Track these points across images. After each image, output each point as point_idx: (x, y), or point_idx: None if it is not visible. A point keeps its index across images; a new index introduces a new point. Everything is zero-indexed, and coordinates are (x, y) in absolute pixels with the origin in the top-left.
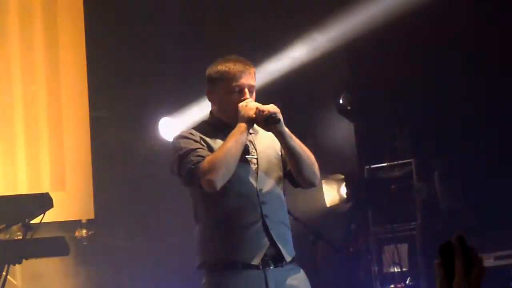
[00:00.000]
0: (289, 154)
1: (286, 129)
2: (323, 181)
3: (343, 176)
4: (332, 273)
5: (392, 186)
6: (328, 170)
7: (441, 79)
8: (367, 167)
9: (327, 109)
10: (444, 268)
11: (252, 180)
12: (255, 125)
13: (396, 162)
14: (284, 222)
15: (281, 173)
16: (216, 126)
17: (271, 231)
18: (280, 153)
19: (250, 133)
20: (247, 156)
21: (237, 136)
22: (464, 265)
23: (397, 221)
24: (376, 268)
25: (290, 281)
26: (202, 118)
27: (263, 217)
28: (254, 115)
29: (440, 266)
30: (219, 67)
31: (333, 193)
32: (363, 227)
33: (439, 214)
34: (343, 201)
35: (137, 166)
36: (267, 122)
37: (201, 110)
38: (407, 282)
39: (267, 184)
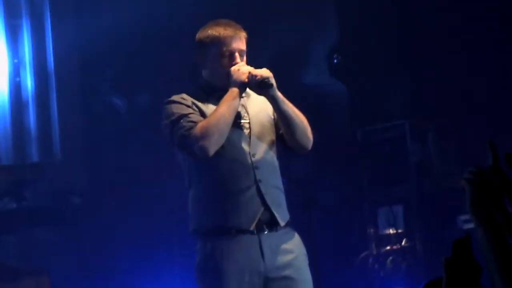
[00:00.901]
0: (281, 118)
1: (279, 94)
2: None
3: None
4: (327, 236)
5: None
6: (321, 133)
7: (436, 35)
8: (360, 129)
9: (319, 71)
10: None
11: (245, 145)
12: (247, 89)
13: (389, 124)
14: (278, 187)
15: (274, 137)
16: (208, 90)
17: (265, 196)
18: (272, 117)
19: (242, 97)
20: (240, 121)
21: (230, 101)
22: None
23: (391, 183)
24: (372, 230)
25: (284, 245)
26: None
27: (256, 182)
28: (246, 80)
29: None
30: (209, 31)
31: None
32: (358, 189)
33: (433, 176)
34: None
35: (131, 131)
36: (260, 87)
37: None
38: (402, 243)
39: (260, 149)
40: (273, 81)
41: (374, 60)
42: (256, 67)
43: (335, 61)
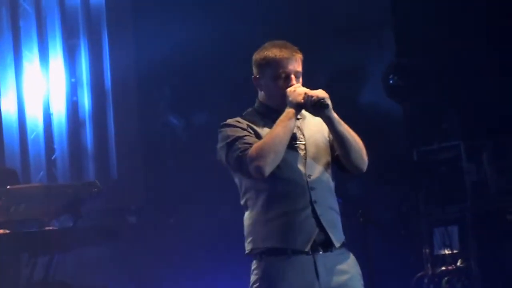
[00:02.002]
0: (337, 139)
1: (335, 114)
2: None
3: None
4: (382, 256)
5: (442, 168)
6: (377, 153)
7: (491, 57)
8: (416, 149)
9: (375, 91)
10: None
11: (301, 166)
12: (302, 110)
13: (445, 144)
14: (333, 208)
15: (329, 158)
16: (264, 113)
17: (320, 217)
18: (328, 138)
19: (298, 119)
20: (295, 143)
21: (285, 122)
22: None
23: (447, 203)
24: (427, 251)
25: (339, 265)
26: None
27: (312, 203)
28: (302, 101)
29: None
30: (265, 53)
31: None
32: (414, 209)
33: (489, 196)
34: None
35: (188, 150)
36: (316, 108)
37: None
38: (458, 264)
39: (316, 170)
40: (329, 101)
41: (430, 81)
42: (312, 87)
43: (391, 81)
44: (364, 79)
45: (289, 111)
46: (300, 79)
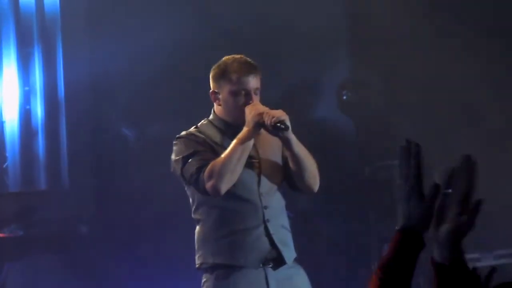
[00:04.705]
0: (293, 160)
1: (293, 136)
2: None
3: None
4: (331, 271)
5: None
6: (329, 168)
7: (448, 72)
8: (368, 165)
9: (328, 106)
10: None
11: (254, 185)
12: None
13: (397, 161)
14: (285, 226)
15: (282, 177)
16: (220, 127)
17: (272, 236)
18: (282, 157)
19: None
20: (249, 160)
21: (243, 141)
22: None
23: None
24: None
25: (290, 279)
26: None
27: (264, 221)
28: (262, 120)
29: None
30: (224, 68)
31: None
32: (364, 225)
33: None
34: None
35: (140, 161)
36: (275, 128)
37: None
38: None
39: (269, 188)
40: (288, 123)
41: (383, 97)
42: (265, 102)
43: (345, 97)
44: (318, 94)
45: (248, 130)
46: (258, 96)
